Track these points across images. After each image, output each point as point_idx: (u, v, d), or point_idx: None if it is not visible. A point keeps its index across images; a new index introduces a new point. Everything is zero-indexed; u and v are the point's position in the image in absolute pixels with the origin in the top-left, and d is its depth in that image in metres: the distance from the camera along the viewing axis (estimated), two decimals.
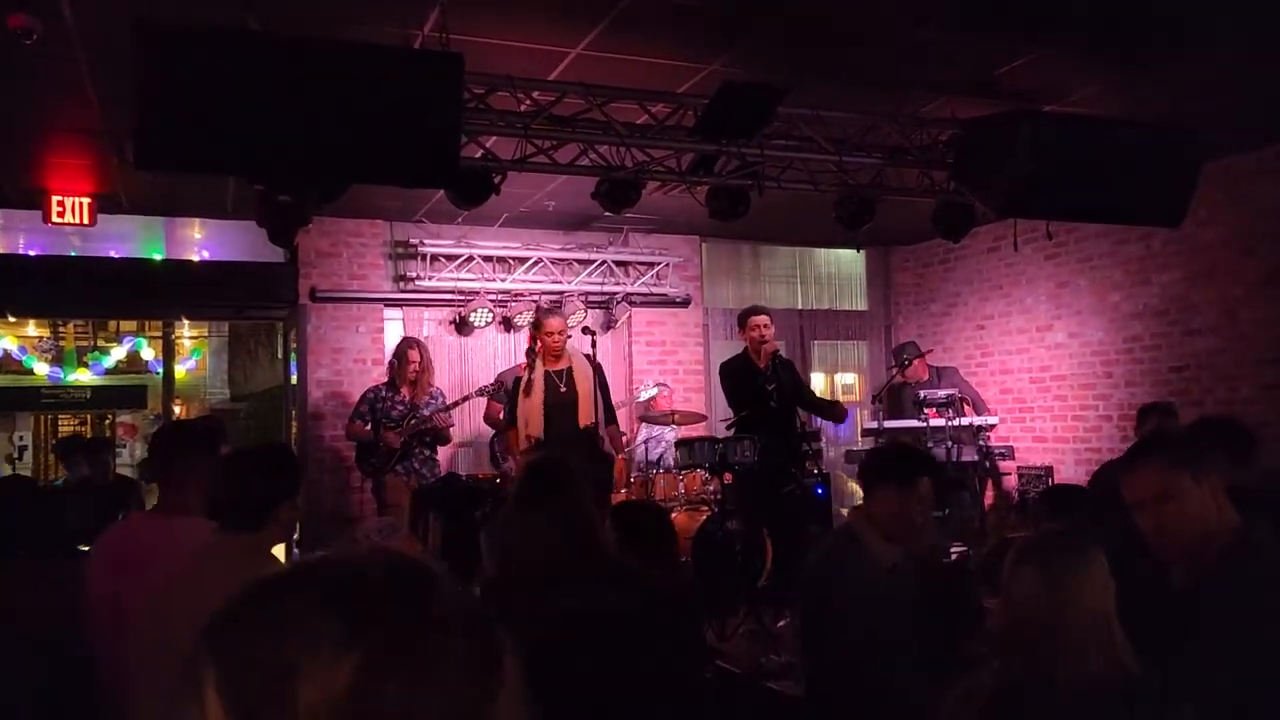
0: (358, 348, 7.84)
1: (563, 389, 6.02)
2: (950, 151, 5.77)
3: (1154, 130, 5.60)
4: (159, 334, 12.22)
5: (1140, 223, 6.73)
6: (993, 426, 8.13)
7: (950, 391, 8.00)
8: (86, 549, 3.12)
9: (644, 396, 8.02)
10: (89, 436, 11.62)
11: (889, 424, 8.08)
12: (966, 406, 8.18)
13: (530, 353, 6.25)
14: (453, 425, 7.05)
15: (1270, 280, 6.76)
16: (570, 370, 6.07)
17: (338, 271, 7.86)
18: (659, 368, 8.70)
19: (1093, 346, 8.09)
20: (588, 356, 6.31)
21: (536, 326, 6.29)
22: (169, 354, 12.14)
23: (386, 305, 8.04)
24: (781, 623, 5.62)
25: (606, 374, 6.83)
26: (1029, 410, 8.63)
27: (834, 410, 6.78)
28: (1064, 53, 5.05)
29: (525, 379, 6.10)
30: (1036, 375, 8.62)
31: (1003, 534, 7.16)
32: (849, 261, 9.65)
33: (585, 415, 5.94)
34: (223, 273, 7.87)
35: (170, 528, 2.67)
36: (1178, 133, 5.66)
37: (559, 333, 6.17)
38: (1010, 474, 8.44)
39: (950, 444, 7.67)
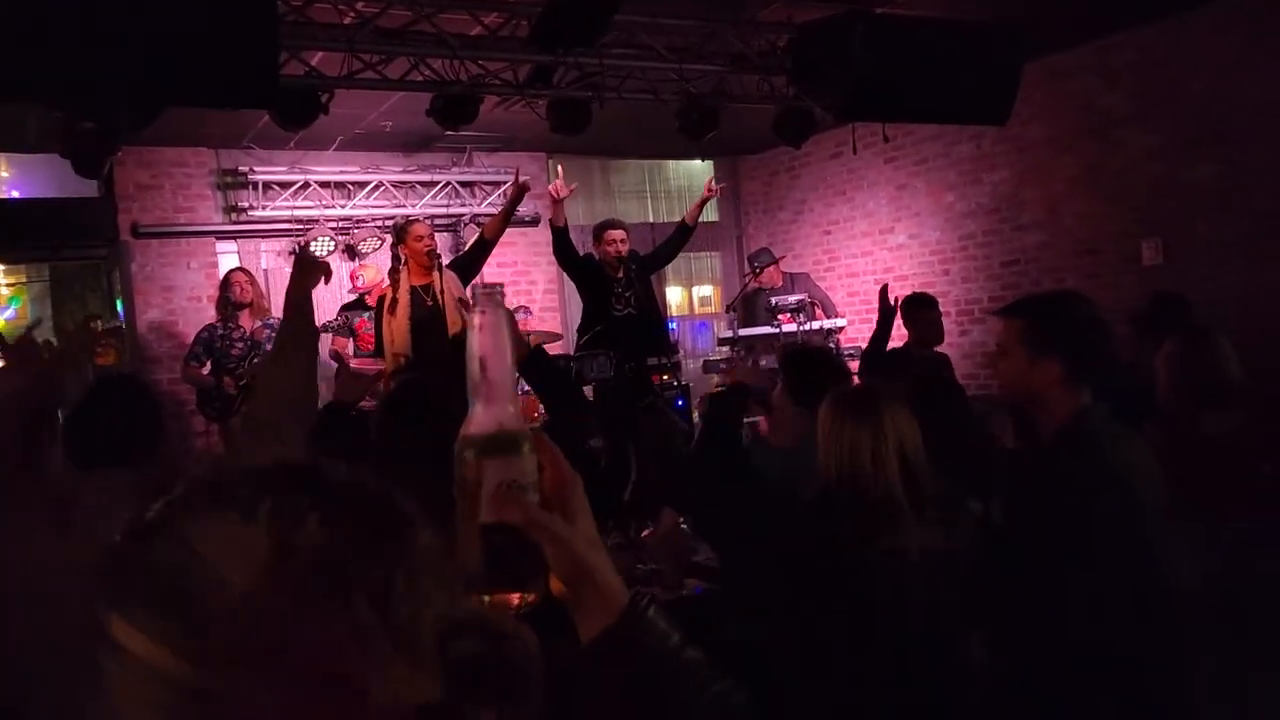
0: (190, 285, 7.42)
1: (429, 303, 5.69)
2: (788, 57, 5.79)
3: (979, 30, 5.73)
4: None
5: (968, 122, 6.94)
6: (842, 329, 8.37)
7: (801, 297, 8.16)
8: None
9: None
10: None
11: (744, 332, 8.22)
12: (818, 310, 8.37)
13: (394, 271, 5.89)
14: None
15: (1088, 175, 7.11)
16: (433, 284, 5.74)
17: (161, 204, 7.37)
18: (512, 289, 8.57)
19: (931, 246, 8.39)
20: (446, 265, 6.02)
21: (400, 237, 5.83)
22: None
23: (218, 238, 7.62)
24: (646, 533, 5.73)
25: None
26: (875, 311, 8.90)
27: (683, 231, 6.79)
28: None
29: (390, 297, 5.79)
30: (881, 276, 8.87)
31: None
32: (699, 174, 9.67)
33: (454, 324, 5.68)
34: (32, 211, 7.25)
35: None
36: (1000, 31, 5.81)
37: (430, 235, 5.79)
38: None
39: None
